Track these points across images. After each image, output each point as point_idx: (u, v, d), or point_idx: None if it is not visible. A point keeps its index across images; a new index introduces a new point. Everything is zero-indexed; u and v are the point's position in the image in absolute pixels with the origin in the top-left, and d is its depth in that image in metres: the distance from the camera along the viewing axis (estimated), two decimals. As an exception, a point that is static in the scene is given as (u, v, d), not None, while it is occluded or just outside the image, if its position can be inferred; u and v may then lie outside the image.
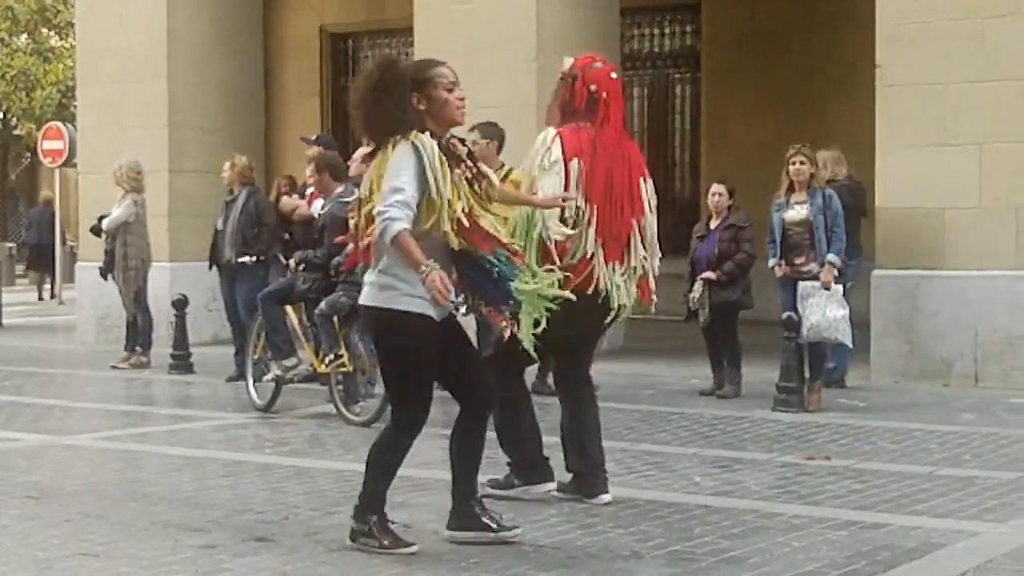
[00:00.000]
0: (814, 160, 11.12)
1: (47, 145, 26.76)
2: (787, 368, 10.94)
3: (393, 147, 6.15)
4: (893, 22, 12.52)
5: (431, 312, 6.18)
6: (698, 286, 11.64)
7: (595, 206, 7.35)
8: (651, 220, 7.58)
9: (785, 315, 10.91)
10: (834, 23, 17.77)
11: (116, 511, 7.30)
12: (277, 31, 20.23)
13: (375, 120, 6.22)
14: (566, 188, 7.28)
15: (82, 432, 10.36)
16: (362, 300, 6.37)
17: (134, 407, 12.04)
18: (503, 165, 10.68)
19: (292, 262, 11.18)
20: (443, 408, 11.19)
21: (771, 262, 11.19)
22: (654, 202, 7.60)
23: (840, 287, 10.85)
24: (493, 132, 11.01)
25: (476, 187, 6.33)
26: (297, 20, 20.72)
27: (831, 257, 10.82)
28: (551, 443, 7.77)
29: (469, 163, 6.32)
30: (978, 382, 12.08)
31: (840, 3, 17.56)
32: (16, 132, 40.44)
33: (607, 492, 7.50)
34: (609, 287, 7.38)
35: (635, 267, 7.50)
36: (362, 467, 6.45)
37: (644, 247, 7.53)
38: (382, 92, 6.16)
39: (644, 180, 7.62)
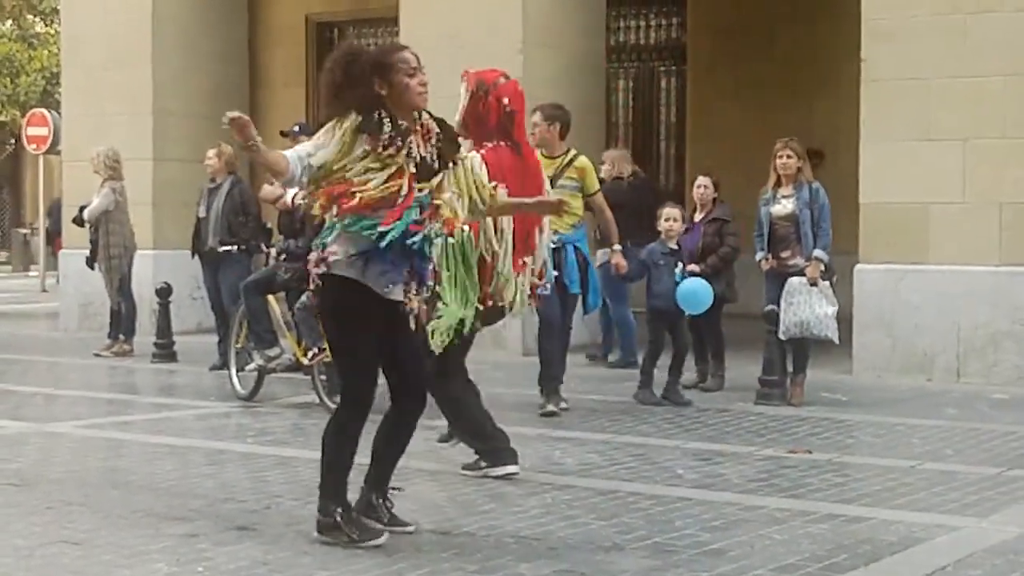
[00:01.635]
0: (801, 154, 11.13)
1: (31, 132, 26.71)
2: (769, 362, 10.96)
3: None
4: (877, 16, 12.54)
5: (371, 283, 6.17)
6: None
7: (514, 228, 7.57)
8: (547, 229, 8.02)
9: (768, 308, 10.92)
10: (818, 15, 17.80)
11: (98, 499, 7.29)
12: (262, 19, 20.18)
13: (336, 104, 6.25)
14: None
15: (64, 420, 10.34)
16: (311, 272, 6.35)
17: (117, 395, 12.03)
18: (568, 151, 10.55)
19: (273, 251, 11.18)
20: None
21: (758, 256, 11.20)
22: None
23: (827, 283, 10.86)
24: (557, 115, 10.65)
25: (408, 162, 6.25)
26: (282, 8, 20.67)
27: (818, 253, 10.82)
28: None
29: (400, 142, 6.22)
30: (960, 377, 12.12)
31: (825, -4, 17.60)
32: (0, 119, 40.31)
33: (516, 464, 7.87)
34: (517, 297, 7.71)
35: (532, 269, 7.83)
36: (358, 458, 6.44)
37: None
38: (350, 80, 6.19)
39: (545, 188, 8.13)
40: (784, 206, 11.02)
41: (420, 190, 6.24)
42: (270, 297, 11.19)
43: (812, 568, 5.89)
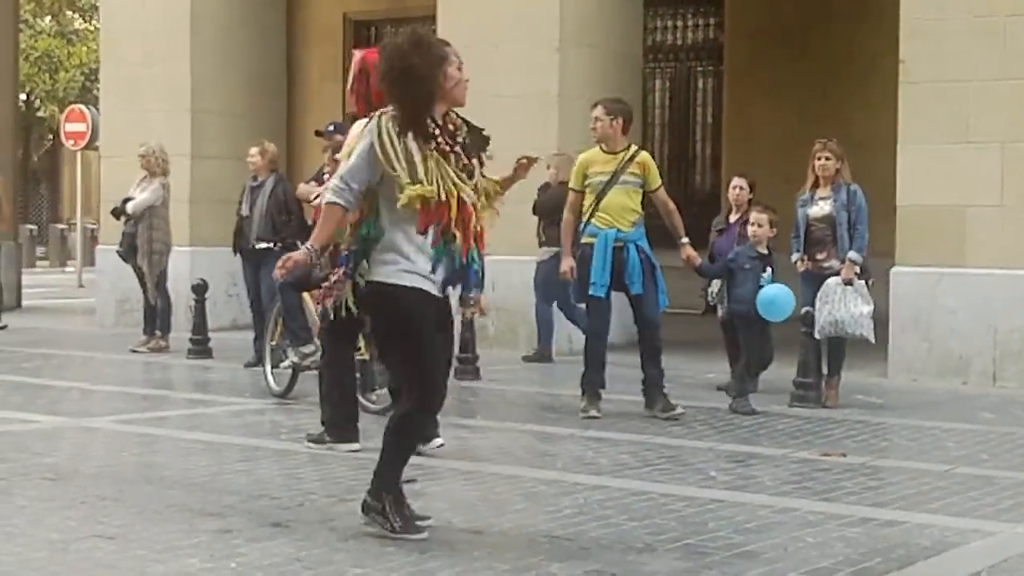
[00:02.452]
0: (840, 155, 11.08)
1: (70, 128, 26.85)
2: (804, 364, 10.92)
3: (365, 128, 6.33)
4: (915, 18, 12.49)
5: (427, 287, 6.23)
6: (716, 281, 11.62)
7: None
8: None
9: (804, 310, 10.88)
10: (855, 17, 17.75)
11: (132, 494, 7.32)
12: (300, 17, 20.25)
13: (404, 93, 6.23)
14: None
15: (100, 415, 10.39)
16: (370, 276, 6.35)
17: (152, 391, 12.08)
18: (629, 146, 10.43)
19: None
20: (458, 397, 11.26)
21: (793, 257, 11.17)
22: None
23: (863, 283, 10.81)
24: (619, 109, 10.55)
25: (458, 166, 6.29)
26: (320, 7, 20.73)
27: (852, 255, 10.77)
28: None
29: (441, 141, 6.24)
30: (996, 381, 12.06)
31: (862, -3, 17.56)
32: (39, 114, 40.57)
33: (358, 441, 8.47)
34: None
35: None
36: (378, 454, 6.45)
37: None
38: (420, 65, 6.20)
39: None
40: (821, 207, 10.97)
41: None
42: (305, 294, 11.20)
43: (845, 571, 5.86)
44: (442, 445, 8.34)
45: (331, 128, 12.58)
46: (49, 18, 39.39)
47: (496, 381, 12.38)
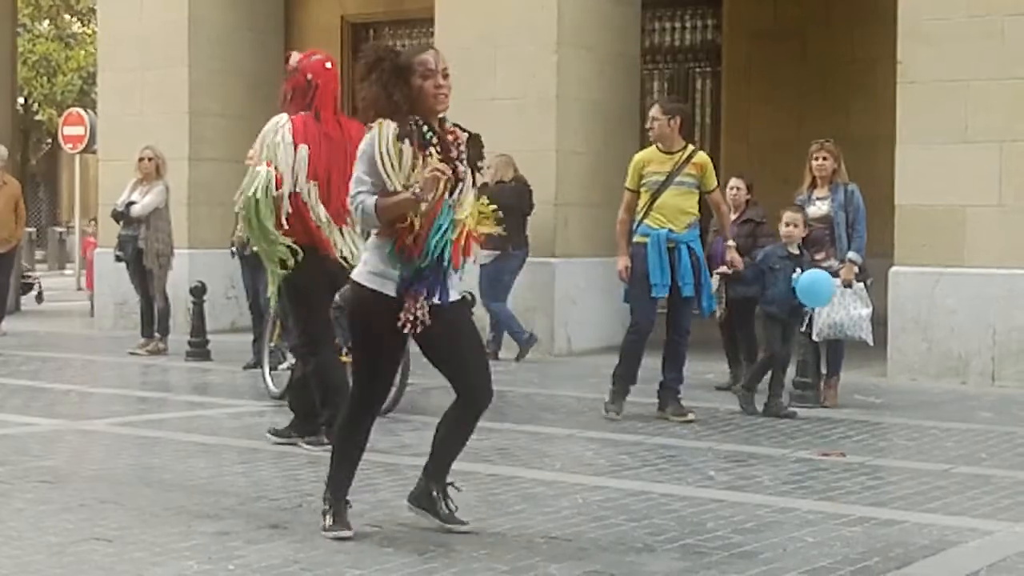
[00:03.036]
0: (837, 156, 11.07)
1: (68, 131, 26.83)
2: (803, 364, 10.92)
3: (367, 134, 6.31)
4: (913, 18, 12.49)
5: (388, 291, 6.20)
6: (714, 281, 11.61)
7: (319, 184, 8.55)
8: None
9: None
10: (854, 18, 17.76)
11: (130, 497, 7.31)
12: (298, 20, 20.25)
13: (366, 103, 6.29)
14: (294, 168, 8.49)
15: (98, 417, 10.38)
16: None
17: (151, 393, 12.07)
18: (686, 146, 10.31)
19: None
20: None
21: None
22: None
23: (862, 284, 10.81)
24: (676, 108, 10.52)
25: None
26: (318, 9, 20.74)
27: (851, 255, 10.78)
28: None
29: (436, 149, 6.24)
30: (995, 380, 12.06)
31: (861, -1, 17.56)
32: (37, 118, 40.56)
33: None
34: (342, 247, 8.61)
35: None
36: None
37: None
38: (376, 79, 6.22)
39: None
40: (819, 207, 10.98)
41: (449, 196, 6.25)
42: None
43: (844, 571, 5.86)
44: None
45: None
46: (47, 22, 39.39)
47: (495, 382, 12.29)
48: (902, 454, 8.97)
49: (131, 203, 14.76)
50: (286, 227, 8.52)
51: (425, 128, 6.22)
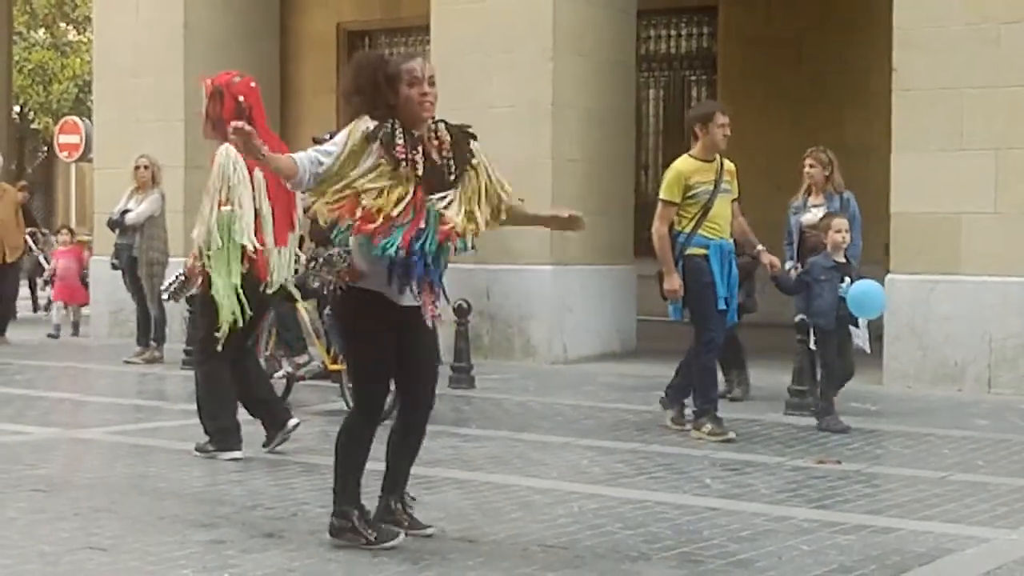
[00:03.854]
0: (828, 163, 11.06)
1: (63, 139, 26.81)
2: (799, 371, 10.90)
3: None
4: (909, 26, 12.49)
5: (385, 291, 6.23)
6: None
7: (274, 207, 8.59)
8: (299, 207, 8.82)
9: (798, 318, 10.86)
10: (849, 27, 17.77)
11: (125, 505, 7.30)
12: (294, 28, 20.25)
13: (353, 110, 6.32)
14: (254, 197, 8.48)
15: (93, 426, 10.36)
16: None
17: (146, 402, 12.05)
18: (715, 155, 9.90)
19: (303, 259, 11.16)
20: (452, 405, 11.24)
21: (787, 264, 11.15)
22: None
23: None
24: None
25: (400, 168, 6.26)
26: (314, 17, 20.73)
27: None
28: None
29: (405, 153, 6.23)
30: (991, 387, 12.05)
31: (855, 7, 17.57)
32: (33, 126, 40.54)
33: (240, 450, 8.75)
34: (277, 270, 8.67)
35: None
36: (371, 464, 6.45)
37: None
38: (368, 89, 6.24)
39: None
40: (814, 215, 10.98)
41: (429, 199, 6.23)
42: (299, 304, 11.18)
43: (840, 579, 5.86)
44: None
45: (327, 136, 12.57)
46: (43, 30, 39.38)
47: (490, 390, 12.36)
48: (898, 462, 8.95)
49: (126, 211, 14.75)
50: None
51: (399, 135, 6.21)
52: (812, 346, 10.70)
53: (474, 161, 6.40)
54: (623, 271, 15.47)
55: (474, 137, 6.47)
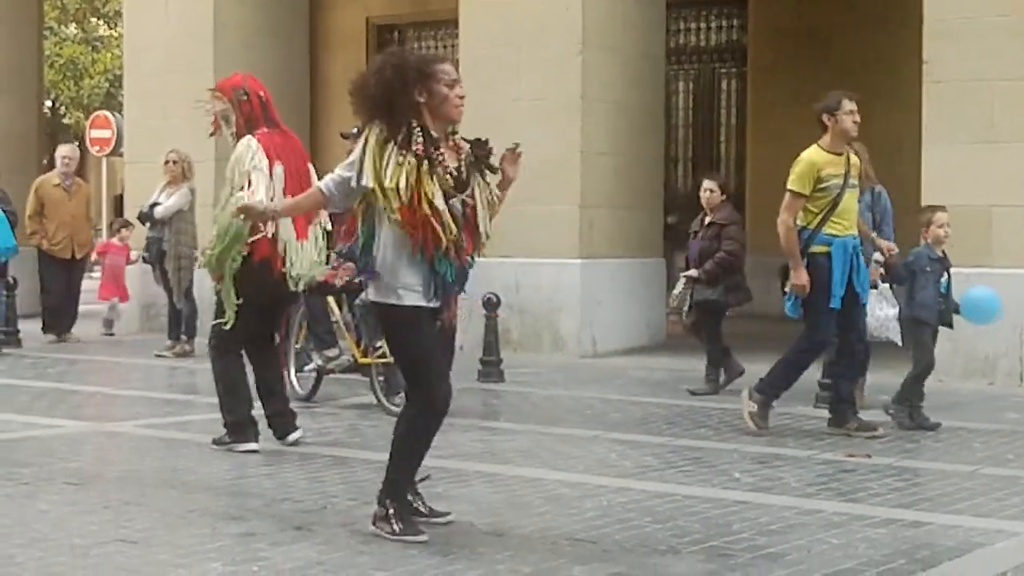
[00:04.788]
0: (861, 157, 10.99)
1: (95, 134, 26.93)
2: (829, 365, 10.84)
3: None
4: (939, 18, 12.43)
5: (422, 303, 6.32)
6: (679, 284, 11.63)
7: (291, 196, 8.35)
8: None
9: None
10: (880, 19, 17.68)
11: (155, 498, 7.33)
12: (323, 23, 20.27)
13: (382, 110, 6.33)
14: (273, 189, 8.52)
15: (124, 420, 10.41)
16: (369, 296, 6.53)
17: (176, 395, 12.10)
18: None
19: (334, 254, 11.19)
20: (481, 399, 11.25)
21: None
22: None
23: (887, 286, 10.74)
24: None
25: (442, 174, 6.32)
26: (343, 12, 20.75)
27: (878, 256, 10.71)
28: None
29: (424, 149, 6.27)
30: (1022, 381, 11.99)
31: (886, -1, 17.49)
32: (64, 121, 40.67)
33: (256, 442, 8.84)
34: (296, 264, 8.67)
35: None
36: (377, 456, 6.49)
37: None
38: (397, 88, 6.25)
39: (310, 165, 9.06)
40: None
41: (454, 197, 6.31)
42: (329, 298, 11.21)
43: (869, 572, 5.83)
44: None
45: (355, 131, 12.60)
46: (74, 25, 39.51)
47: (519, 383, 12.36)
48: (929, 455, 8.93)
49: (155, 204, 14.81)
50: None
51: (418, 135, 6.25)
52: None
53: (485, 172, 6.47)
54: (652, 264, 15.46)
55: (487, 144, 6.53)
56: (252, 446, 8.80)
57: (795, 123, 18.17)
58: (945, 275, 10.08)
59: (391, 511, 6.39)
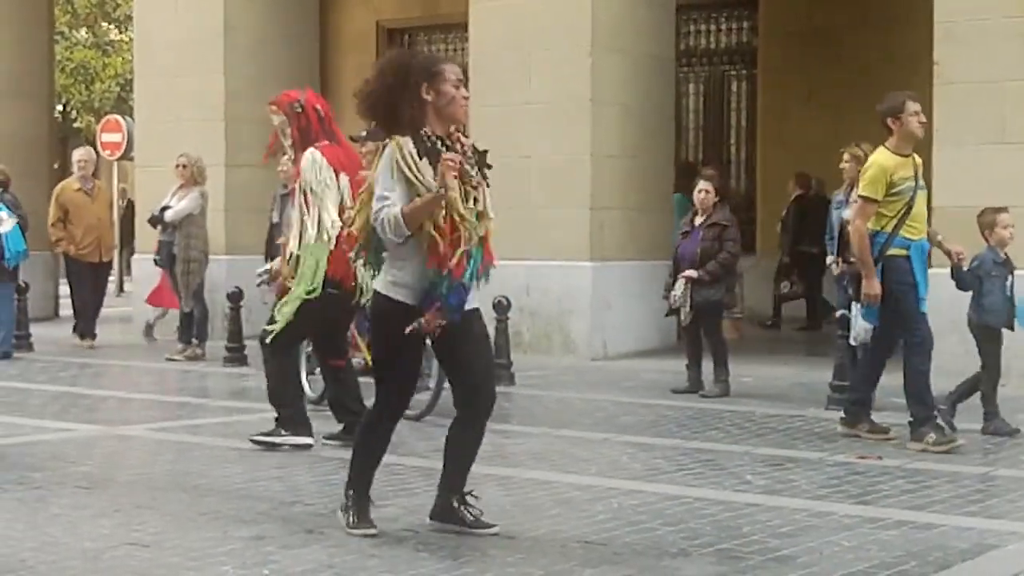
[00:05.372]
0: (863, 159, 10.99)
1: (106, 138, 26.87)
2: (841, 367, 10.85)
3: (383, 151, 6.33)
4: (949, 19, 12.42)
5: (411, 301, 6.26)
6: (679, 284, 11.63)
7: None
8: None
9: (839, 314, 10.83)
10: (890, 21, 17.67)
11: (167, 502, 7.34)
12: (333, 26, 20.29)
13: (388, 116, 6.34)
14: (340, 201, 8.68)
15: (135, 423, 10.42)
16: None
17: (188, 399, 12.11)
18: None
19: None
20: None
21: (829, 259, 11.11)
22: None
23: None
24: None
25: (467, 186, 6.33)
26: (353, 15, 20.78)
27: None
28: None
29: (451, 162, 6.27)
30: (1035, 383, 11.96)
31: (896, 1, 17.45)
32: (75, 125, 40.71)
33: (311, 436, 8.98)
34: (362, 276, 8.49)
35: None
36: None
37: None
38: (398, 89, 6.23)
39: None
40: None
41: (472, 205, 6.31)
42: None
43: (881, 575, 5.82)
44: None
45: (364, 134, 12.62)
46: (84, 29, 39.54)
47: (530, 386, 12.36)
48: (941, 457, 8.89)
49: (166, 207, 14.83)
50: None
51: (437, 142, 6.25)
52: (852, 342, 10.65)
53: (485, 170, 6.46)
54: (663, 267, 15.42)
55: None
56: (307, 440, 8.88)
57: (804, 125, 18.29)
58: (1010, 278, 9.91)
59: (349, 501, 6.55)
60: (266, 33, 17.69)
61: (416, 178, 6.17)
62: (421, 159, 6.20)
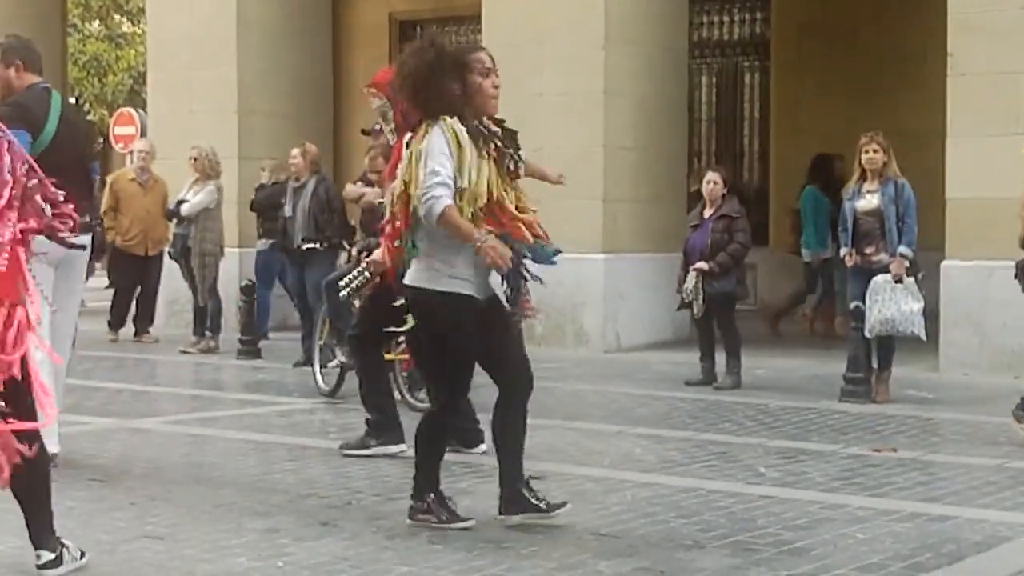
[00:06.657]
0: (887, 148, 10.98)
1: (119, 131, 26.98)
2: (854, 359, 10.85)
3: (427, 130, 6.24)
4: (964, 10, 12.40)
5: (473, 292, 6.30)
6: (691, 277, 11.63)
7: None
8: None
9: (853, 305, 10.82)
10: (903, 12, 17.62)
11: (181, 494, 7.35)
12: (346, 19, 20.28)
13: (429, 96, 6.29)
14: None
15: (150, 416, 10.44)
16: (407, 280, 6.47)
17: (202, 391, 12.13)
18: None
19: (355, 250, 11.21)
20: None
21: (842, 251, 11.10)
22: None
23: (912, 279, 10.72)
24: None
25: (501, 168, 6.35)
26: (366, 8, 20.76)
27: (902, 249, 10.68)
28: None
29: (497, 144, 6.30)
30: (1049, 374, 11.94)
31: (910, -8, 17.43)
32: (89, 118, 40.77)
33: (404, 443, 8.40)
34: None
35: None
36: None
37: None
38: (438, 69, 6.21)
39: None
40: (869, 201, 10.90)
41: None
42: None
43: (895, 567, 5.82)
44: (485, 452, 8.33)
45: (378, 127, 12.61)
46: (97, 22, 39.57)
47: (543, 379, 12.27)
48: (954, 449, 8.89)
49: (182, 201, 14.85)
50: None
51: (480, 126, 6.26)
52: (867, 334, 10.66)
53: (521, 152, 6.47)
54: (676, 259, 15.41)
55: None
56: (401, 448, 8.47)
57: (818, 118, 18.25)
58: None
59: (430, 504, 6.48)
60: (279, 25, 17.72)
61: (458, 159, 6.16)
62: (471, 140, 6.20)
